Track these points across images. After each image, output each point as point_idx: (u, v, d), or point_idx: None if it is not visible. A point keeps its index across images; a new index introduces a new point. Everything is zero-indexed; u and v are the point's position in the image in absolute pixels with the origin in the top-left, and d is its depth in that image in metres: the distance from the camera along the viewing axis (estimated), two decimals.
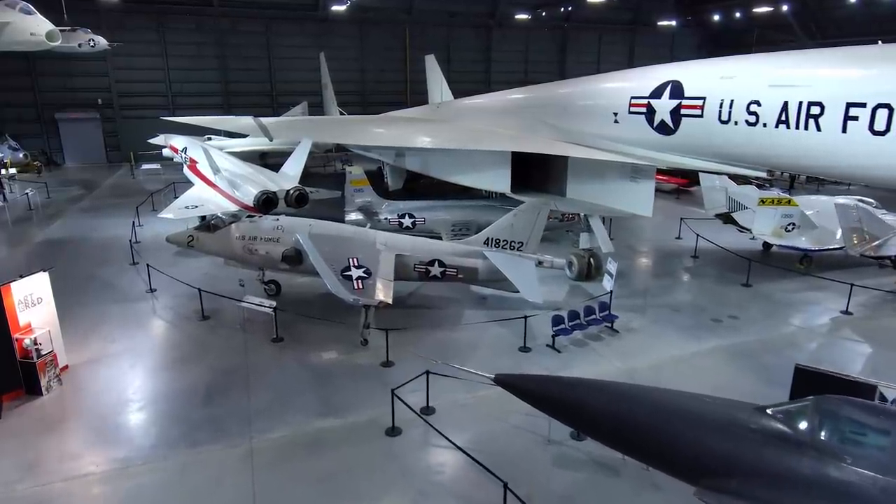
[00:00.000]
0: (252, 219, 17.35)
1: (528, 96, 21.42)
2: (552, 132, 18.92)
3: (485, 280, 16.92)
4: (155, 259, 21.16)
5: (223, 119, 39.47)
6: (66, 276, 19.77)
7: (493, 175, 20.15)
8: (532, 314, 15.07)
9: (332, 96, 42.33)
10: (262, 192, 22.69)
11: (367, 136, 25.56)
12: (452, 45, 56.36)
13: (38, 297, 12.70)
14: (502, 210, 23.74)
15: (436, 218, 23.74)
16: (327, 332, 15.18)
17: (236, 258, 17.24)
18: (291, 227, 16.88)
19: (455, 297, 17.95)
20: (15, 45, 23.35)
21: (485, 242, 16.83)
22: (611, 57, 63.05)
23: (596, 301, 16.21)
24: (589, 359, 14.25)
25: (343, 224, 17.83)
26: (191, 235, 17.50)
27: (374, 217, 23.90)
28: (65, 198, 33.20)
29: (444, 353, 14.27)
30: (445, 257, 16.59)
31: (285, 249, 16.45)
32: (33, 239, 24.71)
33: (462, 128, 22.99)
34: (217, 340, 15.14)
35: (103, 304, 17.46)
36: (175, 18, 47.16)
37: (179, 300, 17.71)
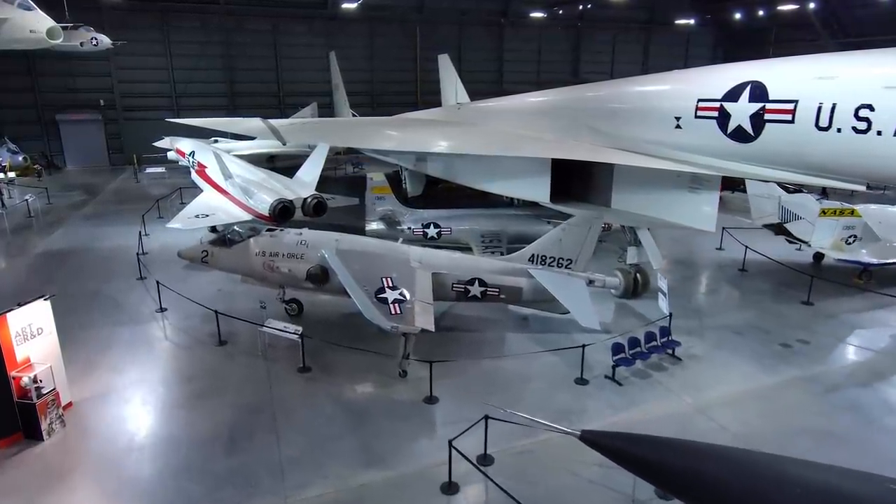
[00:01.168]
0: (272, 232, 15.83)
1: (566, 98, 19.87)
2: (597, 137, 17.38)
3: (529, 301, 15.40)
4: (164, 273, 19.68)
5: (230, 120, 37.94)
6: (69, 293, 18.28)
7: (531, 183, 18.64)
8: (590, 342, 13.52)
9: (345, 97, 40.81)
10: (277, 200, 21.23)
11: (390, 140, 24.03)
12: (464, 44, 54.83)
13: (38, 328, 11.18)
14: (534, 219, 22.36)
15: (463, 228, 22.24)
16: (359, 359, 13.64)
17: (255, 276, 15.74)
18: (316, 242, 15.38)
19: (493, 318, 16.43)
20: (14, 42, 21.80)
21: (529, 259, 15.31)
22: (625, 57, 61.62)
23: (655, 325, 14.70)
24: (655, 393, 12.72)
25: (371, 238, 16.30)
26: (205, 250, 16.00)
27: (397, 227, 22.41)
28: (66, 204, 31.67)
29: (494, 387, 12.81)
30: (486, 276, 15.07)
31: (310, 267, 14.94)
32: (33, 250, 23.18)
33: (493, 132, 21.45)
34: (237, 370, 13.61)
35: (110, 326, 15.93)
36: (179, 17, 45.66)
37: (192, 321, 16.19)
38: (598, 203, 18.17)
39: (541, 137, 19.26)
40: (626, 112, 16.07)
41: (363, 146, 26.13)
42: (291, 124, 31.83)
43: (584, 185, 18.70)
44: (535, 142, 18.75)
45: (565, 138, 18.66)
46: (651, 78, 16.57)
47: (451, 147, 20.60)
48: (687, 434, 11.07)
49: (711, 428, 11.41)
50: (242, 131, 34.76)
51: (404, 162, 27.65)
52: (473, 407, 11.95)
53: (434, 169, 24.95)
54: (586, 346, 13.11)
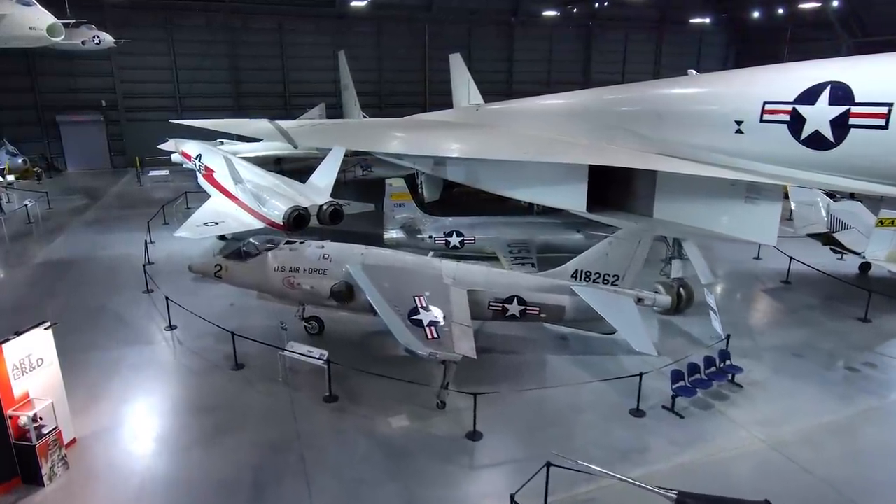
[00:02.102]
0: (292, 245, 14.62)
1: (602, 99, 18.64)
2: (638, 142, 16.15)
3: (572, 320, 14.19)
4: (172, 285, 18.49)
5: (236, 122, 36.84)
6: (71, 308, 17.12)
7: (566, 191, 17.43)
8: (645, 368, 12.28)
9: (355, 98, 39.57)
10: (292, 208, 20.04)
11: (410, 144, 22.82)
12: (473, 43, 53.58)
13: (38, 359, 9.95)
14: (563, 227, 21.14)
15: (488, 236, 21.04)
16: (389, 386, 12.40)
17: (273, 292, 14.53)
18: (340, 256, 14.17)
19: (530, 337, 15.21)
20: (13, 40, 20.64)
21: (572, 275, 14.09)
22: (637, 57, 60.43)
23: (707, 347, 13.49)
24: (721, 427, 11.50)
25: (399, 252, 15.09)
26: (218, 265, 14.78)
27: (417, 235, 21.20)
28: (67, 209, 30.43)
29: (542, 421, 11.60)
30: (526, 293, 13.85)
31: (334, 284, 13.74)
32: (32, 259, 21.94)
33: (520, 135, 20.22)
34: (257, 399, 12.39)
35: (116, 347, 14.71)
36: (183, 15, 44.45)
37: (205, 341, 14.96)
38: (637, 212, 16.96)
39: (574, 141, 18.04)
40: (675, 115, 14.84)
41: (382, 150, 24.86)
42: (300, 126, 30.67)
43: (622, 192, 17.47)
44: (570, 146, 17.53)
45: (601, 142, 17.46)
46: (704, 78, 15.35)
47: (478, 151, 19.37)
48: (768, 478, 9.90)
49: (792, 470, 10.19)
50: (249, 133, 33.71)
51: (421, 166, 26.39)
52: (522, 445, 10.80)
53: (454, 173, 23.68)
54: (644, 374, 11.86)
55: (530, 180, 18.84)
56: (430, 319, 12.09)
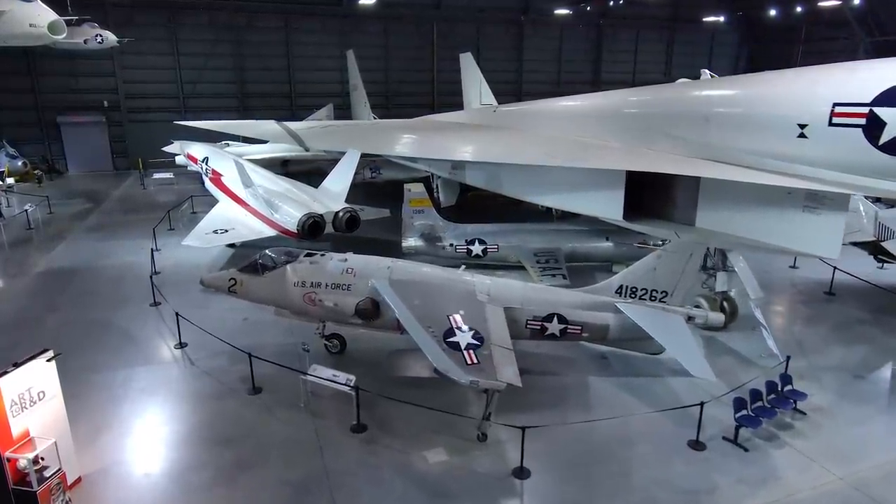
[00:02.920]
0: (312, 258, 13.56)
1: (637, 100, 17.59)
2: (679, 146, 15.08)
3: (616, 340, 13.14)
4: (180, 296, 17.49)
5: (243, 123, 35.85)
6: (74, 323, 16.09)
7: (600, 197, 16.34)
8: (695, 391, 11.26)
9: (365, 98, 38.53)
10: (307, 215, 19.00)
11: (430, 147, 21.78)
12: (482, 43, 52.54)
13: (40, 392, 8.91)
14: (592, 234, 20.10)
15: (512, 244, 20.06)
16: (421, 413, 11.33)
17: (292, 309, 13.47)
18: (365, 270, 13.12)
19: (568, 356, 14.17)
20: (12, 38, 19.62)
21: (617, 291, 13.03)
22: (648, 56, 59.41)
23: (766, 370, 12.45)
24: (792, 463, 10.44)
25: (426, 265, 14.03)
26: (233, 279, 13.73)
27: (437, 243, 20.20)
28: (68, 213, 29.38)
29: (593, 455, 10.57)
30: (567, 311, 12.79)
31: (360, 301, 12.69)
32: (33, 268, 20.89)
33: (548, 139, 19.14)
34: (279, 429, 11.34)
35: (123, 367, 13.66)
36: (187, 14, 43.40)
37: (219, 360, 13.92)
38: (677, 221, 15.83)
39: (608, 145, 16.98)
40: (726, 118, 13.78)
41: (400, 154, 23.74)
42: (310, 128, 29.64)
43: (660, 199, 16.39)
44: (605, 151, 16.47)
45: (636, 147, 16.40)
46: (760, 78, 14.25)
47: (505, 156, 18.31)
48: None
49: None
50: (256, 135, 32.69)
51: (437, 169, 25.36)
52: (576, 484, 9.76)
53: (474, 178, 22.62)
54: (704, 404, 10.80)
55: (560, 186, 17.76)
56: (467, 342, 11.05)
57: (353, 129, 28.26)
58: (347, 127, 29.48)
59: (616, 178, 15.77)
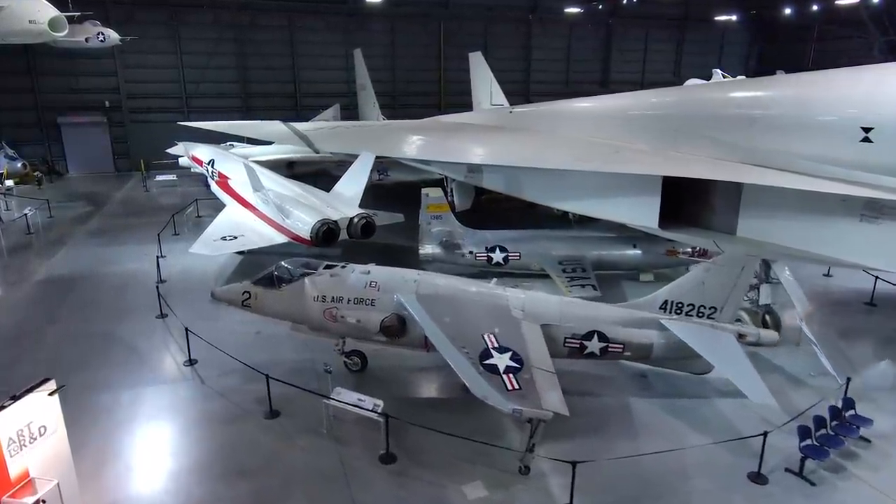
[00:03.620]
0: (332, 270, 12.66)
1: (672, 101, 16.68)
2: (721, 150, 14.17)
3: (660, 358, 12.25)
4: (187, 307, 16.62)
5: (248, 124, 34.89)
6: (76, 336, 15.17)
7: (634, 204, 15.47)
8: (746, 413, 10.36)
9: (373, 98, 37.65)
10: (321, 221, 18.09)
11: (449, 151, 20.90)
12: (490, 42, 51.61)
13: (41, 427, 7.99)
14: (618, 242, 19.17)
15: (535, 252, 19.14)
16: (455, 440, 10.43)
17: (312, 325, 12.56)
18: (390, 283, 12.22)
19: (604, 375, 13.25)
20: (12, 35, 18.75)
21: (661, 307, 12.13)
22: (658, 56, 58.49)
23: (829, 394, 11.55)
24: (863, 498, 9.55)
25: (454, 278, 13.12)
26: (247, 292, 12.82)
27: (456, 251, 19.29)
28: (69, 217, 28.45)
29: (646, 490, 9.66)
30: (608, 328, 11.90)
31: (385, 318, 11.80)
32: (32, 276, 19.96)
33: (574, 141, 18.21)
34: (300, 459, 10.43)
35: (129, 387, 12.74)
36: (190, 12, 42.47)
37: (232, 379, 13.01)
38: (716, 229, 14.94)
39: (642, 149, 16.07)
40: (775, 120, 12.88)
41: (416, 157, 22.80)
42: (318, 129, 28.73)
43: (696, 206, 15.50)
44: (640, 155, 15.56)
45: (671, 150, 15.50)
46: (815, 77, 13.34)
47: (530, 159, 17.38)
48: None
49: None
50: (263, 136, 31.81)
51: (451, 172, 24.44)
52: None
53: (492, 181, 21.71)
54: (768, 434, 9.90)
55: (588, 191, 16.87)
56: (505, 364, 10.18)
57: (364, 131, 27.32)
58: (357, 128, 28.53)
59: (651, 184, 14.88)
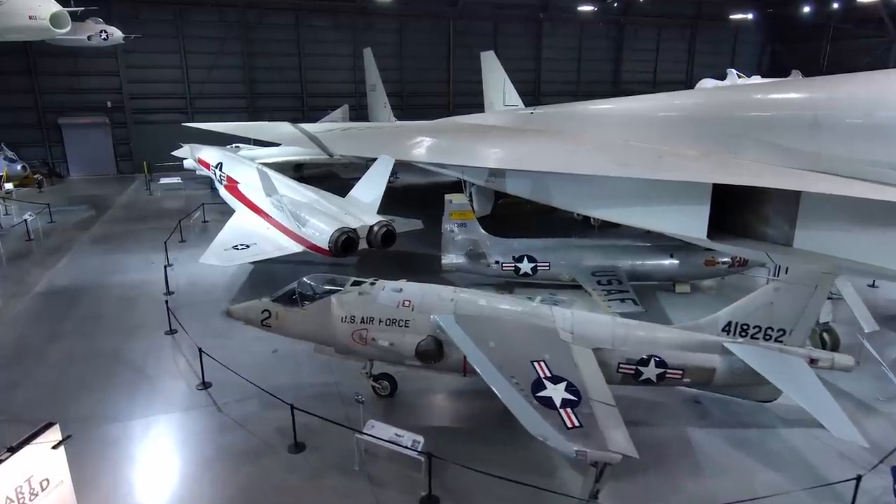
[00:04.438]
0: (360, 287, 11.57)
1: (718, 102, 15.61)
2: (778, 155, 13.10)
3: (722, 385, 11.16)
4: (198, 322, 15.59)
5: (257, 125, 33.92)
6: (79, 356, 14.10)
7: (680, 213, 14.45)
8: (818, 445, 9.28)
9: (385, 99, 36.56)
10: (339, 229, 17.02)
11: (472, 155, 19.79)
12: (500, 41, 50.55)
13: (44, 480, 6.93)
14: (654, 251, 18.08)
15: (565, 262, 18.05)
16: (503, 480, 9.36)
17: (339, 347, 11.48)
18: (425, 302, 11.15)
19: (653, 400, 12.17)
20: (11, 32, 17.65)
21: (724, 329, 11.05)
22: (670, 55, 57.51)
23: None
24: None
25: (493, 295, 12.07)
26: (266, 311, 11.72)
27: (481, 261, 18.20)
28: (71, 222, 27.39)
29: None
30: (665, 352, 10.81)
31: (421, 342, 10.73)
32: (32, 287, 18.86)
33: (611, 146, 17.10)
34: (330, 501, 9.36)
35: (138, 415, 11.65)
36: (195, 10, 41.46)
37: (250, 406, 11.94)
38: (770, 240, 13.92)
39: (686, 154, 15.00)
40: (843, 123, 11.81)
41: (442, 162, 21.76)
42: (329, 131, 27.68)
43: (745, 215, 14.44)
44: (687, 160, 14.47)
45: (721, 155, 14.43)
46: (886, 75, 12.28)
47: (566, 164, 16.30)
48: None
49: None
50: (271, 138, 30.75)
51: (471, 176, 23.40)
52: None
53: (516, 187, 20.69)
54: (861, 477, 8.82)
55: (627, 199, 15.84)
56: (561, 397, 9.11)
57: (379, 133, 26.20)
58: (371, 130, 27.40)
59: (700, 192, 13.85)
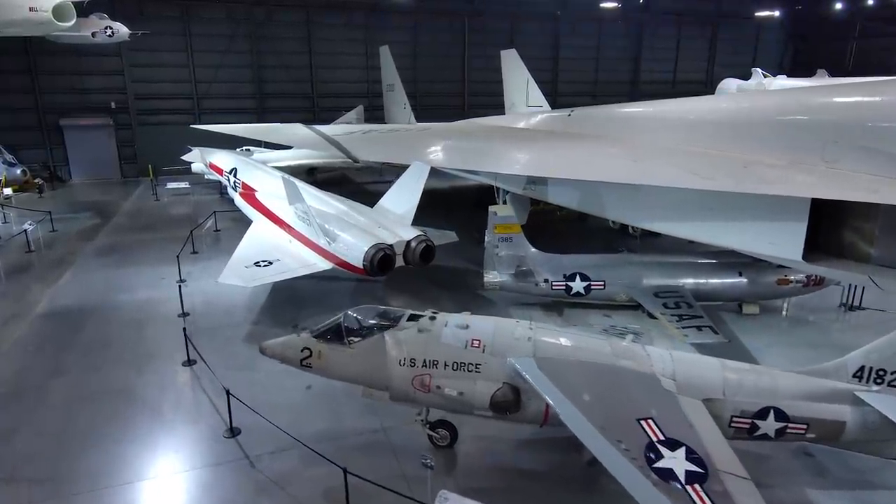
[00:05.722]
0: (419, 321, 9.84)
1: (812, 103, 13.84)
2: (883, 165, 11.41)
3: (854, 441, 9.43)
4: (218, 349, 14.05)
5: (269, 127, 32.17)
6: (87, 395, 12.38)
7: (769, 231, 12.74)
8: None
9: (404, 99, 34.76)
10: (375, 246, 15.27)
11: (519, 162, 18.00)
12: (516, 40, 48.78)
13: None
14: (721, 268, 16.34)
15: (622, 280, 16.36)
16: None
17: (397, 394, 9.71)
18: (497, 342, 9.41)
19: (755, 452, 10.38)
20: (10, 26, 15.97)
21: (855, 375, 9.33)
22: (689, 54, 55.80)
23: None
24: None
25: (577, 332, 10.33)
26: (307, 348, 9.98)
27: (529, 279, 16.50)
28: (74, 231, 25.66)
29: None
30: (786, 403, 9.09)
31: (497, 391, 9.00)
32: (33, 308, 17.12)
33: (682, 154, 15.31)
34: None
35: (160, 473, 9.94)
36: (202, 6, 39.76)
37: (288, 460, 10.21)
38: (875, 262, 12.18)
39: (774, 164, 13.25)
40: None
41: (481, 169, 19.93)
42: (350, 134, 25.92)
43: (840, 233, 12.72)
44: (780, 171, 12.71)
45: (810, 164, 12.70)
46: None
47: (636, 175, 14.44)
48: None
49: None
50: (286, 141, 29.07)
51: (509, 183, 21.63)
52: None
53: (559, 195, 18.90)
54: None
55: (702, 213, 14.09)
56: (684, 469, 7.38)
57: (404, 136, 24.40)
58: (397, 134, 25.61)
59: (797, 208, 12.15)
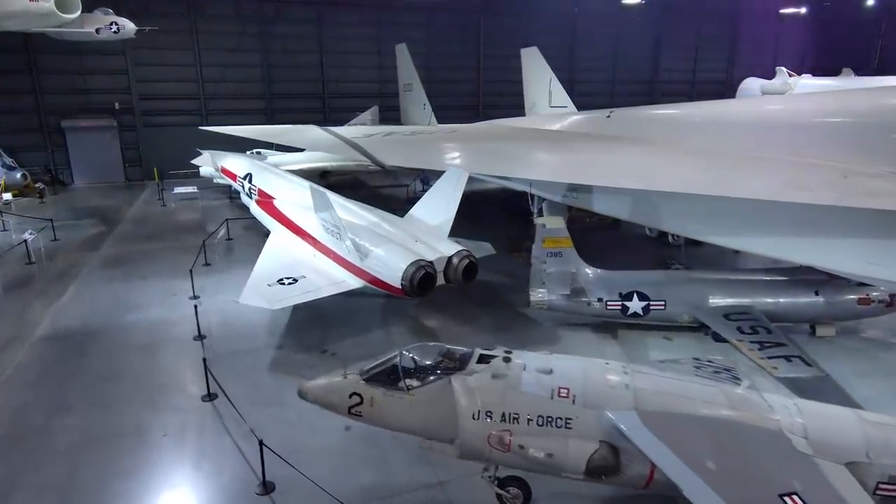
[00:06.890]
0: (492, 363, 8.27)
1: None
2: None
3: None
4: (241, 379, 12.48)
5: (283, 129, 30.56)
6: (95, 440, 10.79)
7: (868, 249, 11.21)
8: None
9: (424, 99, 33.22)
10: (415, 263, 13.66)
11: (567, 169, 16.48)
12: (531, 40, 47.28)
13: None
14: (795, 286, 14.72)
15: (685, 299, 14.76)
16: None
17: (467, 451, 8.11)
18: (588, 390, 7.86)
19: None
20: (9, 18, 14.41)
21: None
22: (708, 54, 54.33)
23: None
24: None
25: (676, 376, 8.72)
26: (357, 394, 8.40)
27: (581, 298, 14.93)
28: (77, 240, 24.11)
29: None
30: None
31: (594, 452, 7.45)
32: (33, 330, 15.52)
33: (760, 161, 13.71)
34: None
35: None
36: (209, 3, 38.27)
37: None
38: None
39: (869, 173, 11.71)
40: None
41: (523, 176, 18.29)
42: (369, 136, 24.39)
43: None
44: (886, 182, 11.17)
45: None
46: None
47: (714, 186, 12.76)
48: None
49: None
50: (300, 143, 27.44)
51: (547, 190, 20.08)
52: None
53: (607, 205, 17.37)
54: None
55: (782, 228, 12.53)
56: None
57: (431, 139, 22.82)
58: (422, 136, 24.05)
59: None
